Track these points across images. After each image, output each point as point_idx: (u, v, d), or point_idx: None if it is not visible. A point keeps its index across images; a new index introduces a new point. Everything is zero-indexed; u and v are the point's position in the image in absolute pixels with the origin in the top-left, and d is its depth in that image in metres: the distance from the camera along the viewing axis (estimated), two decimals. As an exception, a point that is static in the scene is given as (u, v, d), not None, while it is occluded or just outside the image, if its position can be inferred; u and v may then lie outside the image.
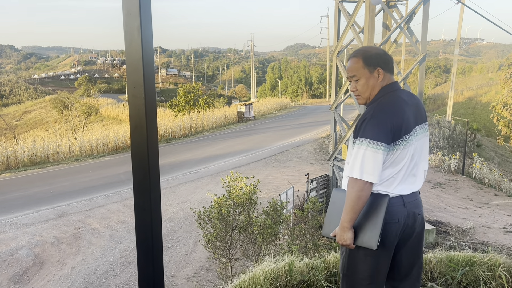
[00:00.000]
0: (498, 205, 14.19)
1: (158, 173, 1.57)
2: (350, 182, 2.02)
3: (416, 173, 2.16)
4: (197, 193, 13.91)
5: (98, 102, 51.58)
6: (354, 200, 1.99)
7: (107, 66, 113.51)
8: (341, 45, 11.97)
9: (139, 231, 1.57)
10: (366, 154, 1.98)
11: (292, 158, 19.13)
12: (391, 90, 2.14)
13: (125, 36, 1.46)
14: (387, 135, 1.99)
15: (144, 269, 1.59)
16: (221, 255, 5.92)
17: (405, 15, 11.06)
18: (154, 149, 1.53)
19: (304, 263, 2.96)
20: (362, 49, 2.22)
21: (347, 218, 2.02)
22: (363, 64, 2.14)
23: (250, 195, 5.70)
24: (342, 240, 2.06)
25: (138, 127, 1.49)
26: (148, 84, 1.47)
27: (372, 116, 2.03)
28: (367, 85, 2.15)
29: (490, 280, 2.91)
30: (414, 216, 2.14)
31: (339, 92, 12.10)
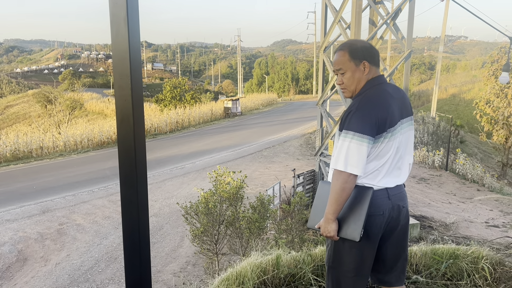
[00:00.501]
0: (480, 200, 14.45)
1: (145, 166, 1.56)
2: (335, 174, 2.03)
3: (401, 166, 2.18)
4: (183, 189, 13.85)
5: (83, 97, 50.83)
6: (338, 192, 2.00)
7: (92, 60, 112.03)
8: (327, 41, 12.01)
9: (126, 224, 1.56)
10: (350, 147, 1.99)
11: (279, 153, 19.18)
12: (377, 83, 2.15)
13: (111, 26, 1.43)
14: (371, 128, 2.00)
15: (131, 263, 1.57)
16: (208, 250, 5.91)
17: (391, 11, 11.14)
18: (141, 141, 1.51)
19: (291, 256, 2.97)
20: (348, 42, 2.22)
21: (331, 210, 2.04)
22: (349, 57, 2.15)
23: (237, 189, 5.69)
24: (326, 232, 2.08)
25: (124, 119, 1.48)
26: (135, 75, 1.45)
27: (357, 109, 2.04)
28: (353, 78, 2.16)
29: (474, 272, 2.97)
30: (399, 209, 2.16)
31: (326, 88, 12.15)
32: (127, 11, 1.40)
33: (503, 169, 22.16)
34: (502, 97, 22.17)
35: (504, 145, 22.08)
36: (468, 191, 15.76)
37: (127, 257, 1.58)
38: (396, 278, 2.27)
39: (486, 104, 22.83)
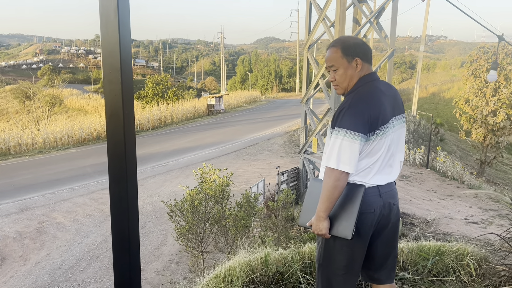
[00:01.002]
0: (460, 197, 14.73)
1: (135, 162, 1.51)
2: (327, 172, 2.02)
3: (393, 164, 2.18)
4: (166, 186, 13.73)
5: (63, 93, 49.85)
6: (330, 190, 1.98)
7: (72, 55, 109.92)
8: (312, 39, 12.03)
9: (115, 221, 1.51)
10: (343, 144, 1.97)
11: (263, 151, 19.18)
12: (369, 80, 2.13)
13: (100, 17, 1.38)
14: (364, 125, 1.99)
15: (120, 261, 1.53)
16: (193, 248, 5.86)
17: (375, 10, 11.23)
18: (131, 137, 1.46)
19: (280, 254, 2.95)
20: (341, 38, 2.21)
21: (323, 207, 2.02)
22: (341, 54, 2.13)
23: (223, 187, 5.65)
24: (318, 229, 2.06)
25: (114, 114, 1.42)
26: (125, 69, 1.40)
27: (349, 106, 2.02)
28: (346, 75, 2.14)
29: (459, 268, 3.00)
30: (390, 206, 2.16)
31: (310, 86, 12.18)
32: (117, 2, 1.34)
33: (481, 166, 22.66)
34: (480, 96, 22.63)
35: (482, 143, 22.56)
36: (448, 188, 16.05)
37: (116, 257, 1.53)
38: (387, 276, 2.27)
39: (466, 103, 23.27)
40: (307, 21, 12.04)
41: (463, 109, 23.47)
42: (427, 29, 32.55)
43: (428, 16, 30.19)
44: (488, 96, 22.19)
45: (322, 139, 11.71)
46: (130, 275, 1.53)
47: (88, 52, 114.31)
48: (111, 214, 1.50)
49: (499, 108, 21.72)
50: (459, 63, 75.23)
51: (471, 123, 22.97)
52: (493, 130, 22.00)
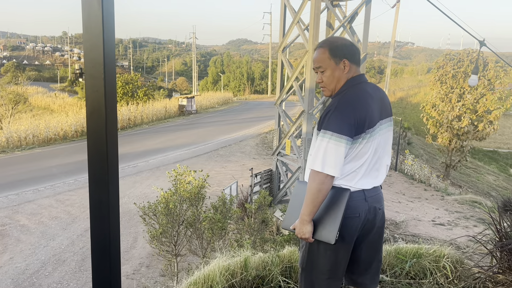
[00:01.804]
0: (427, 199, 15.12)
1: (117, 163, 1.42)
2: (311, 175, 1.97)
3: (379, 168, 2.15)
4: (136, 188, 13.44)
5: (27, 91, 48.18)
6: (314, 193, 1.94)
7: (37, 52, 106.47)
8: (286, 41, 12.07)
9: (94, 226, 1.41)
10: (328, 147, 1.93)
11: (235, 152, 19.10)
12: (357, 83, 2.10)
13: (82, 6, 1.29)
14: (350, 128, 1.95)
15: (100, 266, 1.43)
16: (166, 251, 5.72)
17: (347, 15, 11.38)
18: (113, 136, 1.38)
19: (259, 258, 2.90)
20: (329, 39, 2.17)
21: (307, 211, 1.98)
22: (329, 55, 2.09)
23: (198, 189, 5.54)
24: (301, 233, 2.01)
25: (96, 111, 1.33)
26: (108, 63, 1.32)
27: (336, 108, 1.98)
28: (333, 76, 2.10)
29: (436, 270, 3.03)
30: (375, 211, 2.13)
31: (284, 88, 12.21)
32: (101, -9, 1.26)
33: (447, 169, 23.36)
34: (446, 102, 23.34)
35: (448, 147, 23.26)
36: (416, 190, 16.44)
37: (96, 262, 1.43)
38: (371, 280, 2.25)
39: (432, 107, 23.93)
40: (281, 23, 12.07)
41: (430, 113, 24.14)
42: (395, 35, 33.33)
43: (397, 23, 30.94)
44: (453, 102, 22.91)
45: (295, 141, 11.75)
46: (111, 281, 1.44)
47: (55, 49, 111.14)
48: (91, 217, 1.41)
49: (464, 113, 22.46)
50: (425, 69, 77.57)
51: (437, 128, 23.65)
52: (458, 134, 22.72)
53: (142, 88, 35.38)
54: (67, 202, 12.04)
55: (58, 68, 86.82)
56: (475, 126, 22.57)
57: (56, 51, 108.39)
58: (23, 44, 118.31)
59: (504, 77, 23.09)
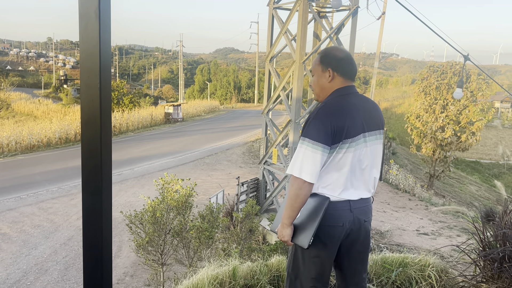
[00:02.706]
0: (412, 209, 15.29)
1: (110, 171, 1.43)
2: (291, 180, 2.04)
3: (367, 180, 2.17)
4: (120, 196, 13.30)
5: (10, 97, 47.44)
6: (292, 198, 2.01)
7: (21, 58, 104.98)
8: (273, 51, 12.17)
9: (87, 234, 1.42)
10: (306, 154, 1.99)
11: (222, 161, 19.07)
12: (344, 94, 2.13)
13: (80, 19, 1.30)
14: (326, 136, 1.99)
15: (91, 275, 1.43)
16: (152, 260, 5.66)
17: (334, 26, 11.54)
18: (108, 145, 1.39)
19: (247, 267, 2.91)
20: (326, 48, 2.28)
21: (286, 214, 2.06)
22: (318, 61, 2.18)
23: (186, 198, 5.52)
24: (281, 236, 2.10)
25: (91, 120, 1.35)
26: (104, 73, 1.33)
27: (315, 116, 2.04)
28: (317, 82, 2.19)
29: (421, 279, 3.08)
30: (360, 222, 2.15)
31: (271, 97, 12.28)
32: (99, 3, 1.28)
33: (431, 179, 23.68)
34: (430, 113, 23.74)
35: (431, 157, 23.60)
36: (401, 200, 16.62)
37: (87, 271, 1.43)
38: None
39: (416, 118, 24.30)
40: (269, 34, 12.18)
41: (414, 124, 24.50)
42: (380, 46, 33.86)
43: (382, 35, 31.46)
44: (437, 113, 23.31)
45: (282, 150, 11.80)
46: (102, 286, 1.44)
47: (39, 55, 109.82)
48: (83, 227, 1.41)
49: (447, 124, 22.86)
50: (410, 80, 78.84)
51: (421, 138, 23.99)
52: (441, 145, 23.09)
53: (127, 96, 35.16)
54: (50, 210, 11.85)
55: (42, 74, 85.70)
56: (458, 137, 22.97)
57: (41, 57, 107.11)
58: (7, 50, 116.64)
59: (486, 89, 23.62)
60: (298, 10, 10.75)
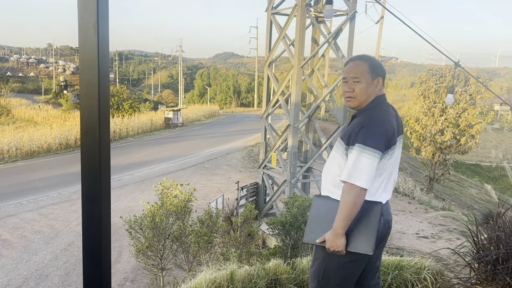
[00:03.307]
0: (411, 212, 15.31)
1: (109, 180, 1.47)
2: (346, 189, 2.02)
3: (393, 183, 2.27)
4: (121, 201, 13.34)
5: (11, 103, 47.57)
6: (350, 207, 2.00)
7: (21, 64, 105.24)
8: (272, 56, 12.25)
9: (86, 242, 1.46)
10: (363, 161, 2.00)
11: (221, 165, 19.11)
12: (383, 101, 2.23)
13: (79, 32, 1.35)
14: (383, 144, 2.05)
15: (91, 280, 1.48)
16: (152, 265, 5.70)
17: (332, 31, 11.62)
18: (106, 155, 1.44)
19: (245, 271, 2.95)
20: (367, 56, 2.29)
21: (342, 224, 2.02)
22: (368, 69, 2.19)
23: (185, 203, 5.56)
24: (335, 246, 2.05)
25: (90, 130, 1.39)
26: (103, 84, 1.38)
27: (369, 124, 2.07)
28: (366, 90, 2.18)
29: (417, 282, 3.12)
30: (388, 223, 2.25)
31: (270, 102, 12.34)
32: (97, 17, 1.33)
33: (430, 183, 23.70)
34: (429, 116, 23.79)
35: (431, 160, 23.64)
36: (400, 203, 16.64)
37: (87, 278, 1.48)
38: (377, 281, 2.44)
39: (416, 121, 24.35)
40: (268, 39, 12.26)
41: (413, 127, 24.55)
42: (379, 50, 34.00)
43: (381, 38, 31.59)
44: (436, 116, 23.37)
45: (281, 154, 11.85)
46: (101, 295, 1.48)
47: (39, 61, 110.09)
48: (83, 235, 1.46)
49: (446, 127, 22.91)
50: (409, 83, 78.96)
51: (420, 141, 24.04)
52: (441, 148, 23.14)
53: (127, 101, 35.25)
54: (51, 216, 11.88)
55: (42, 80, 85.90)
56: (458, 140, 23.02)
57: (41, 63, 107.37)
58: (7, 56, 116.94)
59: (485, 92, 23.69)
60: (296, 16, 10.83)
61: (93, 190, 1.42)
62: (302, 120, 11.61)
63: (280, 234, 5.96)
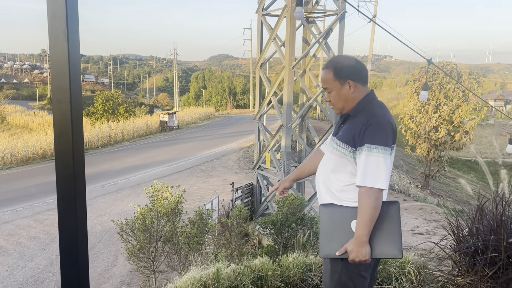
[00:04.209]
0: (406, 209, 15.38)
1: (84, 183, 1.52)
2: (365, 193, 1.92)
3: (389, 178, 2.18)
4: (116, 206, 13.36)
5: (5, 109, 47.50)
6: (372, 212, 1.89)
7: (15, 71, 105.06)
8: (264, 57, 12.30)
9: (63, 243, 1.50)
10: (379, 161, 1.92)
11: (217, 167, 19.15)
12: (374, 98, 2.13)
13: (49, 39, 1.40)
14: (390, 138, 1.98)
15: (69, 282, 1.52)
16: (144, 267, 5.74)
17: (323, 31, 11.69)
18: (80, 156, 1.48)
19: (231, 269, 3.00)
20: (334, 60, 2.18)
21: (365, 231, 1.90)
22: (333, 76, 2.10)
23: (175, 204, 5.61)
24: (361, 256, 1.91)
25: (63, 134, 1.44)
26: (74, 89, 1.43)
27: (374, 121, 1.99)
28: (339, 96, 2.11)
29: (401, 276, 3.18)
30: None
31: (263, 103, 12.40)
32: (66, 24, 1.37)
33: (426, 179, 23.81)
34: (423, 113, 23.91)
35: (426, 157, 23.75)
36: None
37: (65, 279, 1.52)
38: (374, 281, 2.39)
39: (410, 119, 24.45)
40: (259, 40, 12.31)
41: (408, 125, 24.65)
42: (373, 49, 34.17)
43: (374, 37, 31.73)
44: (430, 113, 23.49)
45: (275, 155, 11.90)
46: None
47: (34, 67, 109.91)
48: (60, 237, 1.50)
49: (440, 124, 23.03)
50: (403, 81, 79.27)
51: (415, 139, 24.14)
52: (435, 145, 23.25)
53: (123, 105, 35.25)
54: (46, 222, 11.89)
55: (37, 86, 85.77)
56: (452, 136, 23.14)
57: (35, 69, 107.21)
58: (1, 63, 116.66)
59: (478, 88, 23.82)
60: (286, 16, 10.89)
61: (67, 192, 1.47)
62: (295, 120, 11.68)
63: (272, 234, 6.02)
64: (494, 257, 2.64)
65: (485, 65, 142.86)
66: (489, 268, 2.62)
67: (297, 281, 3.17)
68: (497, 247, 2.63)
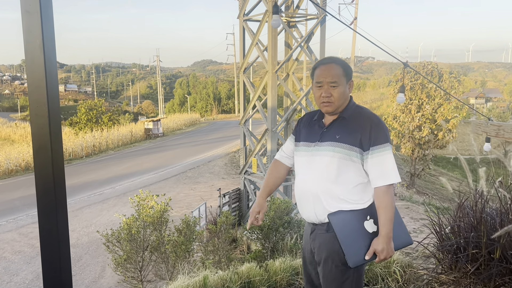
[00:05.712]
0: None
1: (64, 195, 1.51)
2: (386, 190, 1.96)
3: None
4: (103, 216, 13.21)
5: (-14, 122, 46.60)
6: (392, 207, 1.96)
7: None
8: (247, 62, 12.35)
9: (45, 257, 1.49)
10: (391, 158, 1.99)
11: (204, 173, 19.09)
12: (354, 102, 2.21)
13: (25, 53, 1.40)
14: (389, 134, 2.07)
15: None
16: (132, 277, 5.69)
17: (305, 35, 11.80)
18: (60, 169, 1.48)
19: (218, 276, 2.99)
20: (337, 58, 2.19)
21: (391, 227, 1.94)
22: (343, 72, 2.09)
23: (161, 213, 5.58)
24: (391, 252, 1.96)
25: (42, 147, 1.43)
26: (52, 102, 1.43)
27: (379, 122, 2.04)
28: (344, 94, 2.09)
29: (387, 276, 3.21)
30: None
31: (247, 108, 12.43)
32: (42, 38, 1.37)
33: (412, 178, 24.09)
34: (406, 113, 24.23)
35: (411, 156, 24.05)
36: (382, 201, 16.87)
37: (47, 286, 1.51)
38: None
39: (394, 119, 24.76)
40: (241, 45, 12.37)
41: (392, 125, 24.94)
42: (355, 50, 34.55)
43: (356, 39, 32.11)
44: (413, 113, 23.81)
45: (261, 159, 11.93)
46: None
47: (14, 78, 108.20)
48: (41, 249, 1.49)
49: (424, 123, 23.37)
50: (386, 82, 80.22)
51: (400, 138, 24.44)
52: (419, 144, 23.57)
53: (106, 114, 34.92)
54: (31, 235, 11.69)
55: (18, 97, 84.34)
56: (435, 135, 23.49)
57: (16, 80, 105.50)
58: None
59: (459, 86, 24.25)
60: (267, 21, 10.96)
61: (48, 205, 1.46)
62: (280, 123, 11.73)
63: (259, 238, 6.02)
64: (476, 254, 2.69)
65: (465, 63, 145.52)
66: (471, 264, 2.67)
67: (285, 285, 3.19)
68: (478, 243, 2.69)
